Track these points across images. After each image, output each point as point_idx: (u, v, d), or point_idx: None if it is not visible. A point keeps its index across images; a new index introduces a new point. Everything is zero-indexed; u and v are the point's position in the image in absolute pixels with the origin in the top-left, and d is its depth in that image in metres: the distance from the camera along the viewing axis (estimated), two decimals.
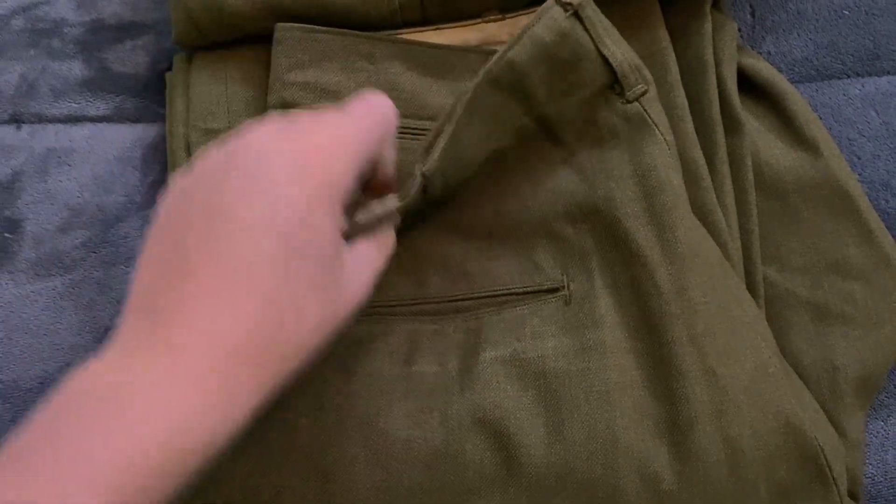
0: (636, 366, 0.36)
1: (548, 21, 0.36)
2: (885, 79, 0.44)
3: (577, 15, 0.36)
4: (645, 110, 0.37)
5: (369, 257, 0.30)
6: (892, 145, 0.43)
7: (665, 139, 0.37)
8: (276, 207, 0.23)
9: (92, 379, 0.22)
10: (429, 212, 0.38)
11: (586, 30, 0.37)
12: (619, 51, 0.37)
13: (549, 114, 0.38)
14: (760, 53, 0.45)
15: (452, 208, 0.39)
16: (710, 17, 0.41)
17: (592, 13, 0.37)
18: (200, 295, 0.22)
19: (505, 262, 0.39)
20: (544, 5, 0.37)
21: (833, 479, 0.34)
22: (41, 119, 0.49)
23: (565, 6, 0.36)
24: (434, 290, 0.39)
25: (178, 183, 0.25)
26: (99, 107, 0.49)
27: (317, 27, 0.41)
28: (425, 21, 0.42)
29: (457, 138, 0.35)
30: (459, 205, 0.40)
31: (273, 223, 0.23)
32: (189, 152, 0.43)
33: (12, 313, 0.45)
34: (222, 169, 0.24)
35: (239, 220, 0.23)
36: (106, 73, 0.50)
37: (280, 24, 0.41)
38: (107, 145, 0.48)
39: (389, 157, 0.31)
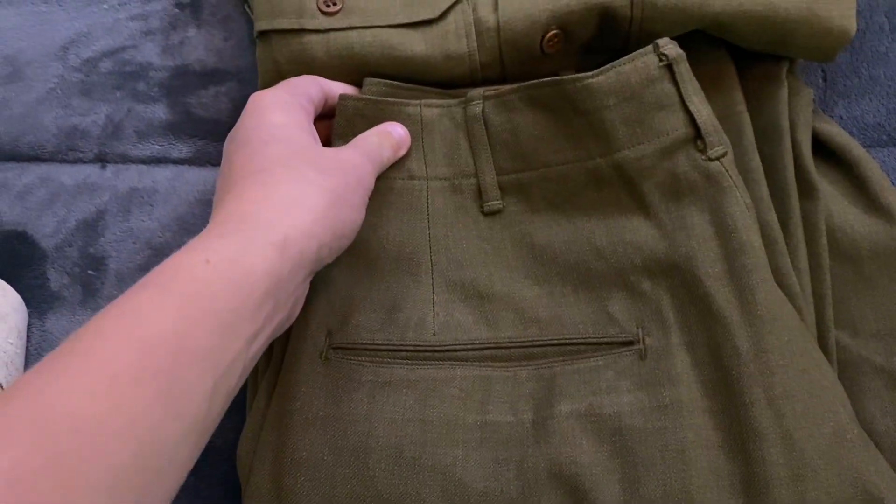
0: (712, 426, 0.36)
1: (639, 64, 0.38)
2: None
3: (670, 68, 0.38)
4: (726, 170, 0.38)
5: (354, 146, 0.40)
6: None
7: (745, 201, 0.38)
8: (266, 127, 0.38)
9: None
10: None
11: (675, 82, 0.38)
12: (705, 109, 0.38)
13: (626, 161, 0.39)
14: (832, 118, 0.46)
15: (522, 248, 0.41)
16: (786, 83, 0.42)
17: (685, 71, 0.38)
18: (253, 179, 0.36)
19: (578, 311, 0.40)
20: (641, 50, 0.38)
21: None
22: (125, 159, 0.51)
23: (661, 56, 0.38)
24: (505, 334, 0.40)
25: (228, 138, 0.40)
26: (181, 149, 0.51)
27: (401, 84, 0.43)
28: (505, 80, 0.44)
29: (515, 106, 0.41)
30: (530, 246, 0.41)
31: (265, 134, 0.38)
32: None
33: None
34: (243, 120, 0.40)
35: (254, 140, 0.38)
36: (189, 117, 0.52)
37: (368, 80, 0.43)
38: (188, 187, 0.50)
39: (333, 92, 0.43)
